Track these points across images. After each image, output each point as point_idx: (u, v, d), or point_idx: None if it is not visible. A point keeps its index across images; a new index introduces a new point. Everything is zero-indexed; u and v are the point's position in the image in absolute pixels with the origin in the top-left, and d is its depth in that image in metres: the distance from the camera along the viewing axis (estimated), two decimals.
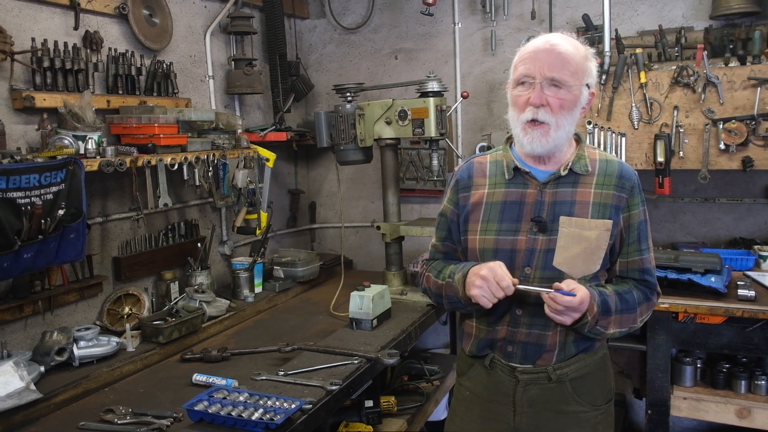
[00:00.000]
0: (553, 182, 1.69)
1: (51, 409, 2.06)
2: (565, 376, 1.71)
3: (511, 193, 1.72)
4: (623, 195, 1.69)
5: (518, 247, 1.68)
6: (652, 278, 1.74)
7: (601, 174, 1.70)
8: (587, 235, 1.64)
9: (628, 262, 1.73)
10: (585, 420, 1.73)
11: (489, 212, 1.74)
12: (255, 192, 3.24)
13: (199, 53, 3.31)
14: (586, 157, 1.72)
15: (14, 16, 2.38)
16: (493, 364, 1.77)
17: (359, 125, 3.12)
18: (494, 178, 1.77)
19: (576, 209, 1.66)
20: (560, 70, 1.59)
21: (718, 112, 2.87)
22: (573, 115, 1.65)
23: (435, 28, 3.80)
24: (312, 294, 3.44)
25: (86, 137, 2.39)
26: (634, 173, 1.74)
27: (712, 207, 3.31)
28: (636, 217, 1.70)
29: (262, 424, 1.84)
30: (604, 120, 3.08)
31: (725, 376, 2.78)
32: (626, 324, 1.69)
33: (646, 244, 1.72)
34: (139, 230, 2.87)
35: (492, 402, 1.78)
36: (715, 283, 2.66)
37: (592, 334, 1.66)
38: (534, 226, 1.67)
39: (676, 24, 3.20)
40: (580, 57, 1.64)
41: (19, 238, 2.07)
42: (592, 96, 1.71)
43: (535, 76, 1.61)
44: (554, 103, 1.60)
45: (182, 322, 2.61)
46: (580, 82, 1.63)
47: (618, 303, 1.66)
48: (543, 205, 1.68)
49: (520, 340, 1.71)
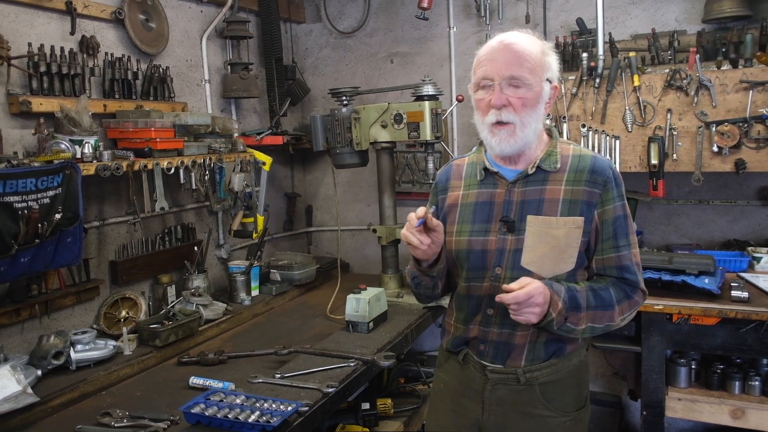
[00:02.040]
0: (522, 181, 1.69)
1: (48, 413, 2.06)
2: (534, 380, 1.69)
3: (483, 194, 1.73)
4: (596, 190, 1.64)
5: (489, 248, 1.69)
6: (632, 276, 1.67)
7: (572, 170, 1.67)
8: (555, 233, 1.62)
9: (604, 259, 1.67)
10: (553, 426, 1.71)
11: (463, 214, 1.75)
12: (251, 195, 3.25)
13: (195, 57, 3.32)
14: (557, 154, 1.69)
15: (11, 21, 2.39)
16: (467, 360, 1.79)
17: (355, 129, 3.13)
18: (469, 179, 1.79)
19: (544, 207, 1.64)
20: (518, 68, 1.58)
21: (710, 114, 2.89)
22: (537, 112, 1.63)
23: (430, 32, 3.82)
24: (309, 297, 3.45)
25: (83, 141, 2.40)
26: (608, 168, 1.67)
27: (706, 209, 3.33)
28: (610, 212, 1.65)
29: (259, 426, 1.84)
30: (598, 123, 3.10)
31: (719, 377, 2.79)
32: (601, 321, 1.63)
33: (624, 241, 1.66)
34: (135, 234, 2.87)
35: (463, 396, 1.80)
36: (709, 284, 2.68)
37: (563, 332, 1.61)
38: (503, 226, 1.67)
39: (669, 27, 3.23)
40: (537, 53, 1.61)
41: (16, 242, 2.08)
42: (555, 90, 1.69)
43: (493, 77, 1.60)
44: (516, 102, 1.59)
45: (179, 326, 2.61)
46: (540, 78, 1.61)
47: (591, 299, 1.61)
48: (511, 205, 1.68)
49: (491, 340, 1.72)
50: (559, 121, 3.15)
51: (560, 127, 3.15)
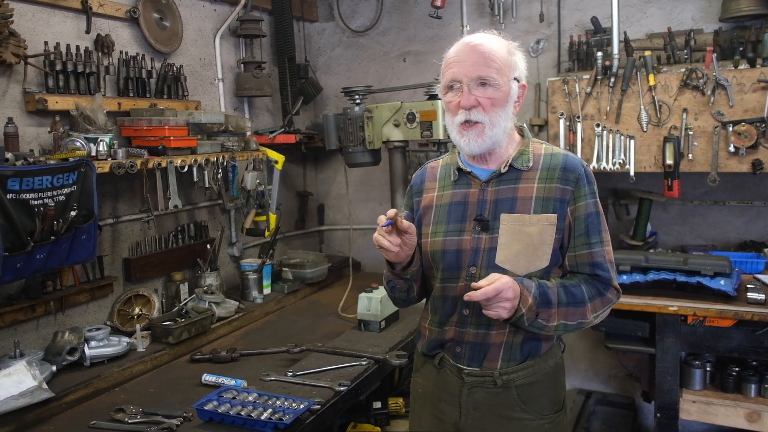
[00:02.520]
0: (495, 180, 1.69)
1: (62, 408, 2.08)
2: (511, 382, 1.68)
3: (457, 194, 1.74)
4: (568, 188, 1.66)
5: (463, 247, 1.69)
6: (605, 273, 1.67)
7: (545, 168, 1.68)
8: (529, 230, 1.64)
9: (576, 255, 1.68)
10: (530, 428, 1.70)
11: (438, 214, 1.76)
12: (264, 194, 3.26)
13: (208, 56, 3.33)
14: (529, 153, 1.71)
15: (27, 20, 2.41)
16: (443, 364, 1.78)
17: (368, 128, 3.13)
18: (443, 181, 1.79)
19: (518, 205, 1.66)
20: (485, 69, 1.60)
21: (727, 114, 2.86)
22: (506, 111, 1.65)
23: (443, 30, 3.81)
24: (320, 296, 3.46)
25: (98, 139, 2.41)
26: (580, 165, 1.69)
27: (722, 210, 3.30)
28: (582, 209, 1.66)
29: (271, 424, 1.85)
30: (612, 122, 3.07)
31: (735, 379, 2.76)
32: (573, 318, 1.63)
33: (597, 238, 1.67)
34: (149, 231, 2.89)
35: (440, 401, 1.79)
36: (725, 286, 2.65)
37: (534, 328, 1.62)
38: (477, 225, 1.68)
39: (686, 26, 3.19)
40: (503, 53, 1.64)
41: (32, 239, 2.10)
42: (524, 89, 1.71)
43: (461, 79, 1.62)
44: (485, 102, 1.61)
45: (192, 323, 2.63)
46: (508, 77, 1.64)
47: (562, 295, 1.61)
48: (485, 204, 1.68)
49: (468, 341, 1.71)
50: (573, 120, 3.13)
51: (574, 127, 3.13)
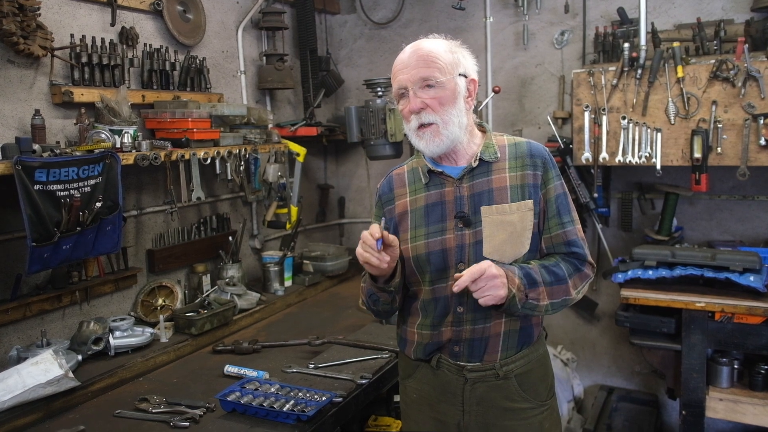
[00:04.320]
0: (468, 175, 1.71)
1: (88, 397, 2.12)
2: (510, 372, 1.71)
3: (431, 195, 1.74)
4: (538, 172, 1.71)
5: (448, 246, 1.69)
6: (580, 249, 1.73)
7: (512, 157, 1.73)
8: (510, 219, 1.67)
9: (552, 237, 1.72)
10: (532, 416, 1.74)
11: (415, 219, 1.75)
12: (285, 186, 3.27)
13: (231, 49, 3.34)
14: (494, 145, 1.75)
15: (54, 13, 2.43)
16: (440, 365, 1.77)
17: (389, 120, 3.11)
18: (413, 185, 1.79)
19: (495, 196, 1.69)
20: (426, 70, 1.63)
21: (758, 107, 2.79)
22: (457, 107, 1.66)
23: (466, 22, 3.77)
24: (341, 288, 3.46)
25: (122, 131, 2.43)
26: (544, 149, 1.76)
27: (751, 204, 3.22)
28: (552, 191, 1.71)
29: (294, 415, 1.85)
30: (639, 115, 3.02)
31: (764, 377, 2.70)
32: (559, 295, 1.67)
33: (568, 217, 1.72)
34: (172, 223, 2.91)
35: (440, 402, 1.78)
36: (754, 282, 2.59)
37: (527, 310, 1.64)
38: (458, 222, 1.69)
39: (716, 17, 3.12)
40: (444, 51, 1.67)
41: (59, 230, 2.12)
42: (474, 83, 1.73)
43: (406, 85, 1.65)
44: (432, 102, 1.64)
45: (214, 315, 2.64)
46: (452, 74, 1.65)
47: (545, 275, 1.66)
48: (463, 200, 1.70)
49: (465, 338, 1.71)
50: (599, 113, 3.08)
51: (600, 119, 3.08)
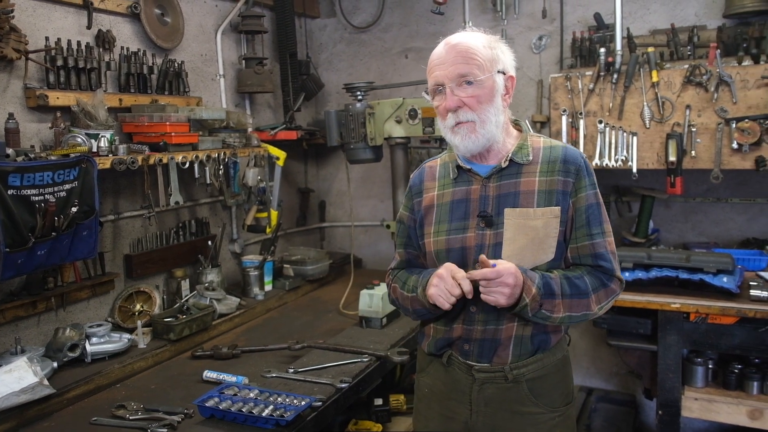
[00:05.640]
0: (496, 175, 1.68)
1: (64, 405, 2.08)
2: (521, 377, 1.68)
3: (458, 192, 1.72)
4: (569, 179, 1.65)
5: (468, 244, 1.67)
6: (607, 264, 1.67)
7: (545, 161, 1.67)
8: (533, 224, 1.63)
9: (578, 247, 1.67)
10: (542, 422, 1.69)
11: (440, 213, 1.74)
12: (265, 190, 3.26)
13: (210, 52, 3.32)
14: (528, 147, 1.70)
15: (28, 15, 2.40)
16: (451, 361, 1.76)
17: (369, 124, 3.12)
18: (443, 179, 1.78)
19: (521, 199, 1.65)
20: (465, 67, 1.60)
21: (731, 111, 2.85)
22: (495, 106, 1.63)
23: (445, 26, 3.79)
24: (321, 292, 3.45)
25: (99, 135, 2.41)
26: (580, 156, 1.69)
27: (725, 207, 3.29)
28: (583, 200, 1.66)
29: (273, 420, 1.85)
30: (615, 119, 3.06)
31: (737, 377, 2.75)
32: (578, 309, 1.63)
33: (598, 229, 1.66)
34: (150, 228, 2.88)
35: (450, 399, 1.77)
36: (728, 283, 2.64)
37: (539, 319, 1.61)
38: (480, 221, 1.66)
39: (689, 22, 3.18)
40: (482, 47, 1.63)
41: (33, 235, 2.09)
42: (512, 80, 1.69)
43: (444, 82, 1.62)
44: (470, 101, 1.61)
45: (193, 320, 2.62)
46: (491, 71, 1.62)
47: (565, 286, 1.61)
48: (488, 200, 1.67)
49: (476, 338, 1.70)
50: (576, 117, 3.12)
51: (577, 123, 3.12)
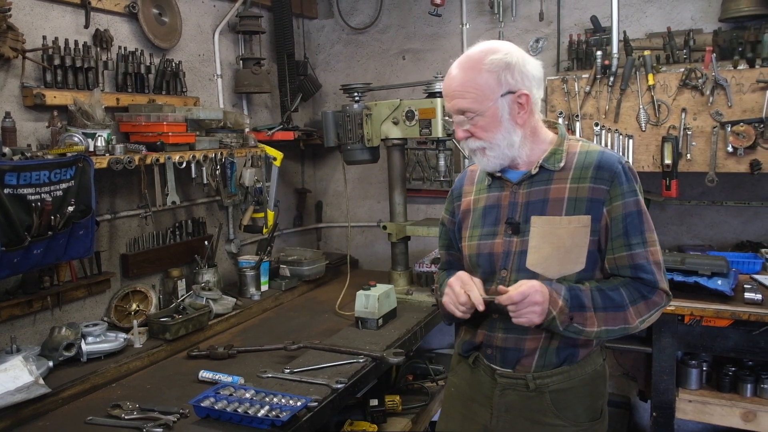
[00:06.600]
0: (527, 182, 1.66)
1: (59, 404, 2.08)
2: (545, 387, 1.64)
3: (491, 198, 1.73)
4: (603, 187, 1.57)
5: (495, 251, 1.68)
6: (648, 275, 1.58)
7: (578, 167, 1.61)
8: (560, 233, 1.58)
9: (616, 258, 1.60)
10: None
11: (474, 218, 1.76)
12: (262, 191, 3.26)
13: (207, 52, 3.32)
14: (562, 152, 1.64)
15: (26, 14, 2.40)
16: (477, 363, 1.78)
17: (366, 125, 3.12)
18: (480, 184, 1.79)
19: (549, 207, 1.61)
20: (462, 101, 1.59)
21: (726, 114, 2.86)
22: (504, 129, 1.59)
23: (443, 28, 3.81)
24: (318, 293, 3.45)
25: (96, 135, 2.41)
26: (616, 163, 1.59)
27: (720, 210, 3.30)
28: (619, 209, 1.57)
29: (268, 421, 1.85)
30: (611, 122, 3.08)
31: (731, 379, 2.77)
32: (615, 323, 1.56)
33: (638, 239, 1.58)
34: (147, 228, 2.88)
35: (473, 401, 1.78)
36: (722, 286, 2.65)
37: (571, 333, 1.56)
38: (508, 228, 1.66)
39: (685, 26, 3.19)
40: (482, 73, 1.57)
41: (29, 234, 2.09)
42: (526, 97, 1.58)
43: (452, 113, 1.65)
44: (474, 131, 1.62)
45: (189, 320, 2.62)
46: (492, 99, 1.57)
47: (597, 299, 1.55)
48: (516, 206, 1.66)
49: (497, 345, 1.70)
50: (572, 119, 3.13)
51: (573, 126, 3.13)
